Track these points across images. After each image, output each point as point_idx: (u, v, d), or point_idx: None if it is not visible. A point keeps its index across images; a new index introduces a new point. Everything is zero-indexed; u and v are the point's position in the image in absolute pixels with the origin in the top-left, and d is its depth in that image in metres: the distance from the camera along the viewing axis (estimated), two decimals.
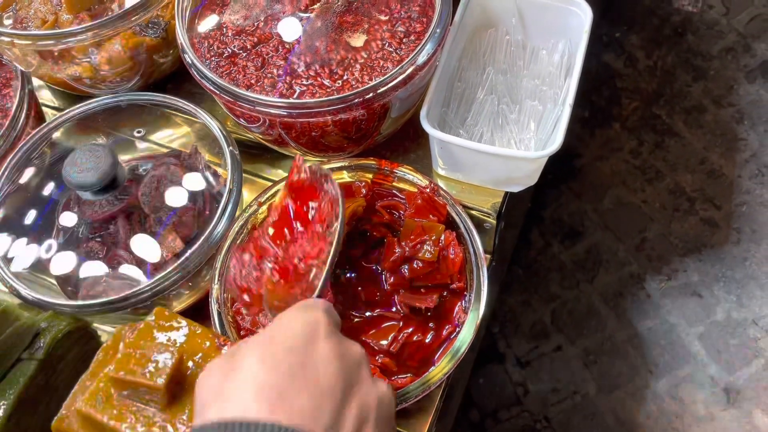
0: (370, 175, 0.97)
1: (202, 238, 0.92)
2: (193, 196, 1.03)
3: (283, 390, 0.43)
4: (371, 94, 0.80)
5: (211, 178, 1.06)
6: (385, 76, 0.82)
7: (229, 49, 0.89)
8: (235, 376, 0.45)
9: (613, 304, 1.90)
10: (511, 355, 1.84)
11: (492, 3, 0.99)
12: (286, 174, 1.14)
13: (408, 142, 1.05)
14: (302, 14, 0.89)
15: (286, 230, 0.72)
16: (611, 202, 2.05)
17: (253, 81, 0.86)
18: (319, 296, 0.63)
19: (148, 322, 0.71)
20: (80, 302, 0.90)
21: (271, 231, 0.70)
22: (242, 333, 0.88)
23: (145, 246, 1.00)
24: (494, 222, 0.98)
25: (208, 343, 0.70)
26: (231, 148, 0.98)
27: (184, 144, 1.14)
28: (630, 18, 2.36)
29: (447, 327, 0.88)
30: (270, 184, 1.11)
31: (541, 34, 1.00)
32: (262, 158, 1.15)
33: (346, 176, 0.98)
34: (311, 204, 0.70)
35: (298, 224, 0.71)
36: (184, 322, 0.72)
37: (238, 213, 0.96)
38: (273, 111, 0.83)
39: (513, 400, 1.79)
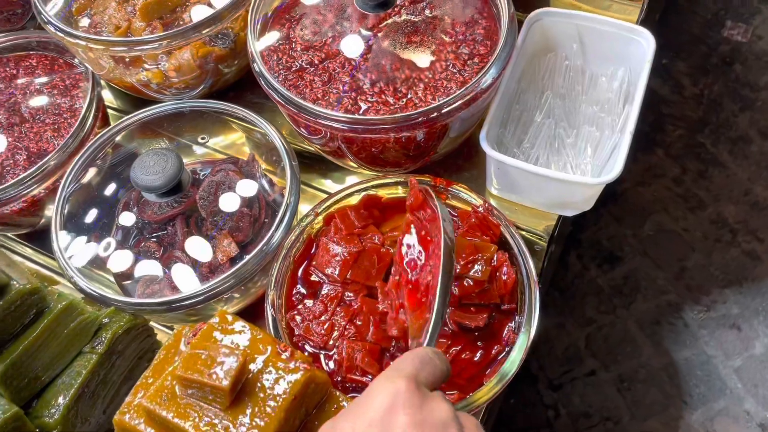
0: None
1: (260, 245, 0.95)
2: (249, 202, 1.06)
3: None
4: (435, 114, 0.82)
5: (266, 186, 1.09)
6: (449, 97, 0.83)
7: (297, 64, 0.92)
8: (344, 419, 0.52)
9: (650, 332, 1.88)
10: (543, 377, 1.83)
11: (553, 28, 1.00)
12: (336, 185, 1.16)
13: (462, 161, 1.07)
14: (369, 33, 0.91)
15: (415, 259, 0.75)
16: (652, 228, 2.04)
17: (319, 95, 0.89)
18: (429, 344, 0.65)
19: (212, 324, 0.73)
20: (138, 300, 0.93)
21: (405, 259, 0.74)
22: (294, 339, 0.90)
23: (200, 248, 1.03)
24: (545, 245, 0.99)
25: (270, 348, 0.71)
26: (291, 159, 1.01)
27: (241, 151, 1.18)
28: (678, 45, 2.35)
29: (496, 347, 0.89)
30: (320, 194, 1.14)
31: (601, 60, 1.01)
32: (313, 168, 1.17)
33: (400, 191, 1.00)
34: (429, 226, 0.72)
35: (421, 252, 0.74)
36: (246, 326, 0.74)
37: (294, 223, 0.98)
38: (337, 125, 0.85)
39: (543, 423, 1.78)
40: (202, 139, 1.09)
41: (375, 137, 0.85)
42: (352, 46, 0.91)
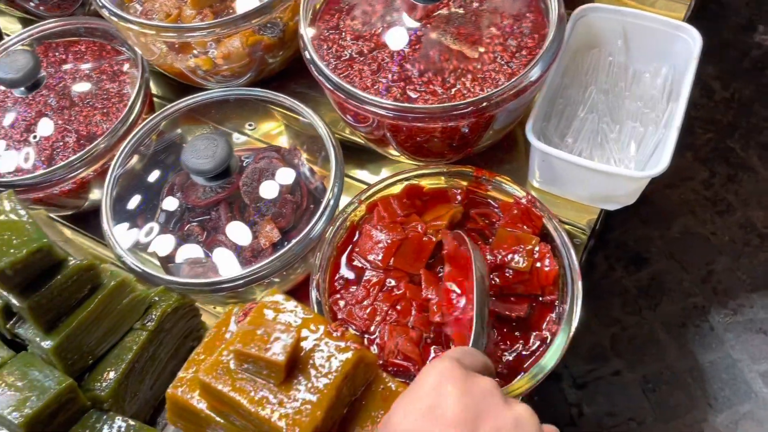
0: (466, 183, 1.00)
1: (304, 231, 0.97)
2: (291, 189, 1.08)
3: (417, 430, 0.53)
4: (484, 104, 0.84)
5: (308, 174, 1.11)
6: (499, 88, 0.85)
7: (347, 53, 0.94)
8: (385, 428, 0.57)
9: (676, 334, 1.88)
10: (568, 376, 1.84)
11: (598, 24, 1.01)
12: (371, 175, 1.18)
13: (502, 154, 1.08)
14: (418, 23, 0.92)
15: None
16: (679, 231, 2.03)
17: (368, 84, 0.90)
18: (473, 346, 0.72)
19: (264, 303, 0.75)
20: (187, 280, 0.95)
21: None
22: (337, 322, 0.92)
23: (243, 234, 1.05)
24: (584, 238, 1.00)
25: (321, 327, 0.73)
26: (335, 148, 1.02)
27: (283, 140, 1.20)
28: (709, 49, 2.34)
29: (535, 338, 0.90)
30: (356, 183, 1.16)
31: (645, 57, 1.02)
32: (349, 159, 1.18)
33: (442, 182, 1.01)
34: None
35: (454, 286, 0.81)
36: (298, 306, 0.75)
37: (337, 211, 1.00)
38: (386, 113, 0.86)
39: (567, 420, 1.78)
40: (250, 126, 1.11)
41: (423, 126, 0.86)
42: (401, 36, 0.92)
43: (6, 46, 1.22)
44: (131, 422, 0.81)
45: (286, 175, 1.08)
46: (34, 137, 1.08)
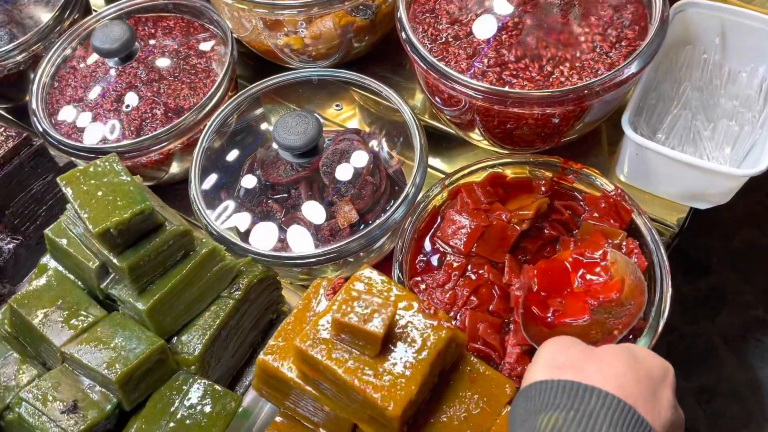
0: (551, 174, 0.99)
1: (389, 212, 0.97)
2: (371, 171, 1.09)
3: (627, 379, 0.59)
4: (585, 92, 0.83)
5: (387, 158, 1.11)
6: (600, 77, 0.84)
7: (442, 36, 0.94)
8: (597, 362, 0.60)
9: (734, 347, 1.83)
10: None
11: (695, 20, 0.99)
12: (444, 163, 1.17)
13: (586, 147, 1.07)
14: (516, 9, 0.92)
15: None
16: (742, 242, 1.98)
17: (463, 67, 0.90)
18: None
19: (358, 277, 0.76)
20: (272, 252, 0.97)
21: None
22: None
23: (321, 213, 1.06)
24: (669, 235, 0.98)
25: (415, 305, 0.73)
26: (420, 132, 1.02)
27: (363, 122, 1.20)
28: None
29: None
30: (431, 171, 1.15)
31: (742, 56, 1.00)
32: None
33: (526, 171, 1.01)
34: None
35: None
36: (391, 283, 0.76)
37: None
38: (484, 96, 0.86)
39: None
40: (337, 107, 1.12)
41: (519, 112, 0.86)
42: (497, 21, 0.92)
43: (97, 18, 1.25)
44: (217, 387, 0.83)
45: (366, 158, 1.09)
46: (127, 107, 1.11)
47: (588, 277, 0.82)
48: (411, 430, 0.72)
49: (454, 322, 0.92)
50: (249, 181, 1.10)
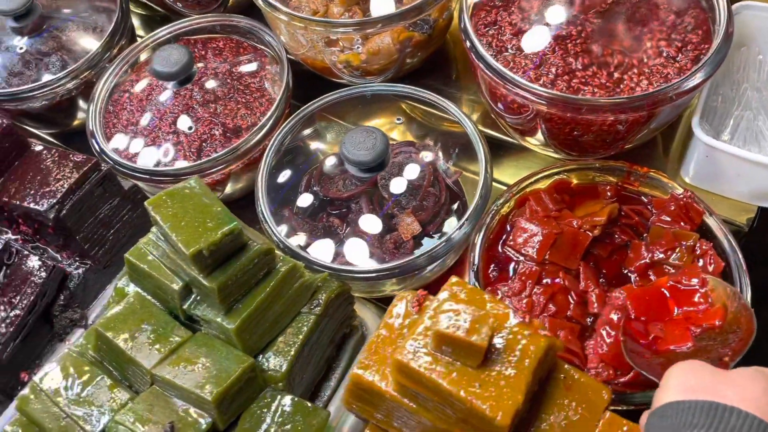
0: (615, 179, 1.01)
1: (456, 229, 0.98)
2: (431, 183, 1.10)
3: (764, 402, 0.59)
4: (660, 97, 0.84)
5: (444, 168, 1.13)
6: (674, 82, 0.85)
7: (507, 47, 0.95)
8: (731, 385, 0.61)
9: None
10: None
11: (752, 21, 1.01)
12: (497, 173, 1.19)
13: (646, 152, 1.08)
14: (580, 16, 0.93)
15: None
16: None
17: (532, 76, 0.92)
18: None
19: (449, 288, 0.76)
20: (348, 267, 0.98)
21: None
22: None
23: (382, 226, 1.06)
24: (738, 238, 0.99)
25: (511, 314, 0.74)
26: (482, 143, 1.03)
27: (415, 135, 1.21)
28: None
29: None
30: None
31: None
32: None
33: (590, 177, 1.02)
34: None
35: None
36: (484, 294, 0.76)
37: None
38: (556, 104, 0.88)
39: None
40: (398, 120, 1.13)
41: (593, 118, 0.87)
42: (563, 30, 0.93)
43: (146, 43, 1.27)
44: (306, 403, 0.83)
45: (424, 169, 1.10)
46: (190, 128, 1.12)
47: (687, 307, 0.83)
48: None
49: None
50: (307, 198, 1.12)
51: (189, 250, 0.77)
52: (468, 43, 0.95)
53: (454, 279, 0.79)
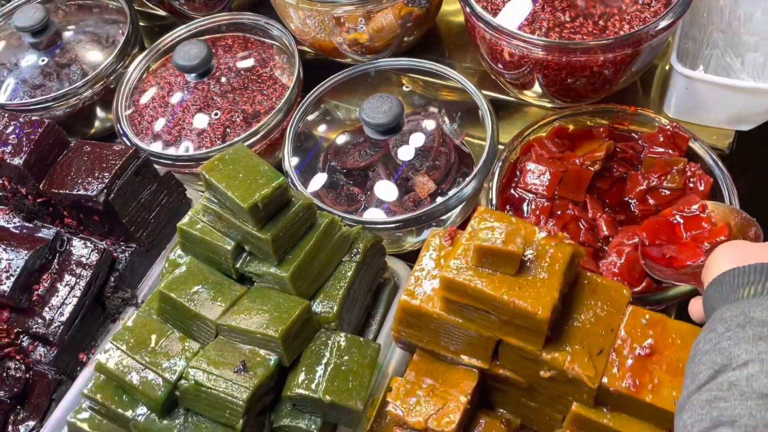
0: (607, 121, 1.12)
1: (470, 179, 1.08)
2: (441, 143, 1.20)
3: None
4: (642, 34, 0.96)
5: (451, 130, 1.23)
6: (652, 23, 0.97)
7: (500, 9, 1.06)
8: (766, 249, 0.70)
9: None
10: None
11: None
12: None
13: (630, 95, 1.20)
14: None
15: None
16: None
17: (527, 31, 1.03)
18: None
19: (480, 215, 0.86)
20: (379, 218, 1.08)
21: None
22: None
23: (400, 189, 1.16)
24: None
25: (536, 228, 0.84)
26: (486, 104, 1.14)
27: (419, 105, 1.32)
28: None
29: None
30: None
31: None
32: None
33: (584, 123, 1.13)
34: None
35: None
36: (510, 216, 0.86)
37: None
38: (554, 51, 0.99)
39: None
40: (406, 87, 1.23)
41: (586, 59, 0.98)
42: None
43: (158, 49, 1.36)
44: (359, 338, 0.92)
45: (432, 133, 1.21)
46: (215, 114, 1.21)
47: (694, 231, 0.92)
48: (553, 335, 0.82)
49: None
50: (328, 172, 1.21)
51: (246, 204, 0.86)
52: (468, 9, 1.06)
53: (482, 208, 0.89)
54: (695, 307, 0.81)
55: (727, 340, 0.62)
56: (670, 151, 1.06)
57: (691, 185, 1.03)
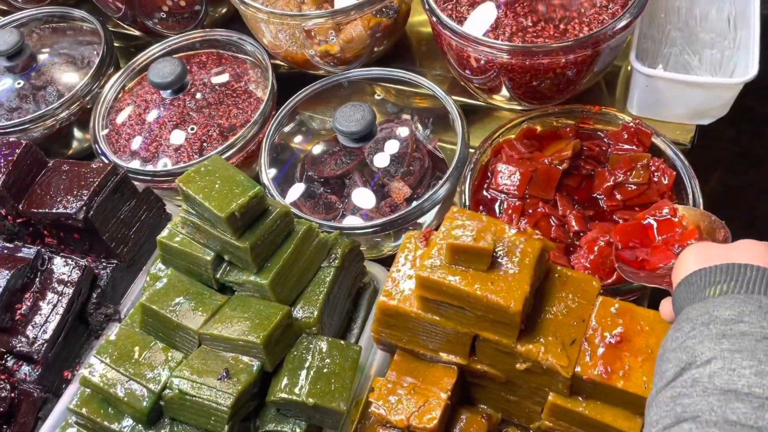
0: (573, 121, 1.16)
1: (443, 182, 1.11)
2: (414, 149, 1.23)
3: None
4: (604, 33, 1.00)
5: (424, 136, 1.26)
6: (609, 24, 1.01)
7: (465, 17, 1.10)
8: (738, 250, 0.70)
9: None
10: None
11: None
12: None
13: (593, 96, 1.24)
14: None
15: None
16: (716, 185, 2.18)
17: (491, 37, 1.06)
18: None
19: (450, 216, 0.88)
20: (356, 224, 1.10)
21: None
22: None
23: (376, 195, 1.19)
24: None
25: (505, 227, 0.86)
26: (456, 109, 1.18)
27: (391, 113, 1.35)
28: None
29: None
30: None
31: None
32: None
33: (552, 123, 1.17)
34: None
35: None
36: (482, 215, 0.89)
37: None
38: (517, 55, 1.02)
39: None
40: (378, 96, 1.26)
41: (549, 61, 1.01)
42: None
43: (132, 68, 1.38)
44: (340, 341, 0.94)
45: (406, 139, 1.23)
46: (192, 129, 1.23)
47: (665, 234, 0.95)
48: (527, 328, 0.84)
49: None
50: (305, 182, 1.23)
51: (223, 213, 0.88)
52: (434, 18, 1.09)
53: (454, 208, 0.91)
54: (666, 307, 0.83)
55: (692, 339, 0.64)
56: (635, 147, 1.09)
57: (656, 179, 1.07)
